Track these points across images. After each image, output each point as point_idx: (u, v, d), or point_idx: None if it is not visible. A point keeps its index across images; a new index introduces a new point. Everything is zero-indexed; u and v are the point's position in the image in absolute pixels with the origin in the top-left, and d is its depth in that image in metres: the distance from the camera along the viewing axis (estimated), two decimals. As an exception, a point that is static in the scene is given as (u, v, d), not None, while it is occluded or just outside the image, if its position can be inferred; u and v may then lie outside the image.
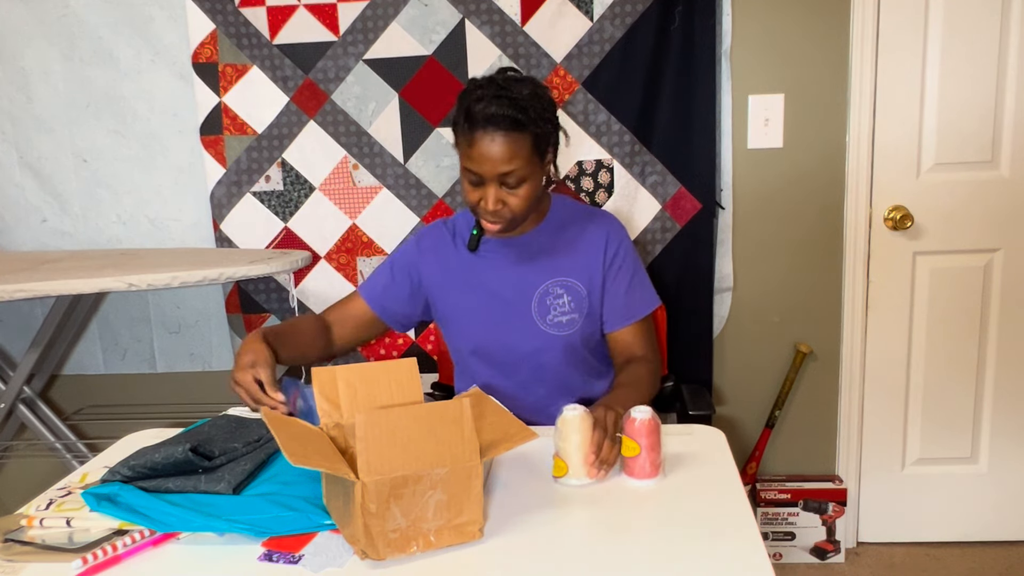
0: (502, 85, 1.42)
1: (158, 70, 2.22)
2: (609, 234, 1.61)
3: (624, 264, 1.61)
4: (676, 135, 2.15)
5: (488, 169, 1.41)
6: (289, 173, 2.22)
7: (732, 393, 2.36)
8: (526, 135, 1.41)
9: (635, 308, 1.62)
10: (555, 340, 1.58)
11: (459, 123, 1.44)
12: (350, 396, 1.17)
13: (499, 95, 1.39)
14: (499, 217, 1.47)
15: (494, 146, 1.39)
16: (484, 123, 1.39)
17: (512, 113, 1.38)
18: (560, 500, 1.17)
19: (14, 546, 1.08)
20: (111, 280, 1.79)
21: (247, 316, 2.29)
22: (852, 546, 2.37)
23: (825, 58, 2.15)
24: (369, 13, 2.13)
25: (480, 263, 1.62)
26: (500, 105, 1.38)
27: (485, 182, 1.43)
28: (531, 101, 1.42)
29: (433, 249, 1.66)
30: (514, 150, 1.40)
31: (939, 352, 2.28)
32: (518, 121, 1.39)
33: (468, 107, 1.41)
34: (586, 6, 2.09)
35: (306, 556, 1.04)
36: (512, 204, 1.45)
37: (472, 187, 1.46)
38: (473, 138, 1.40)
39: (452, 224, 1.68)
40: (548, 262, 1.59)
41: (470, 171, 1.43)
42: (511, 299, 1.59)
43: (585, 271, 1.59)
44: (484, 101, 1.39)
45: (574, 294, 1.59)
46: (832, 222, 2.24)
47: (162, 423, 1.68)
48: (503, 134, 1.39)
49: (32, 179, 2.29)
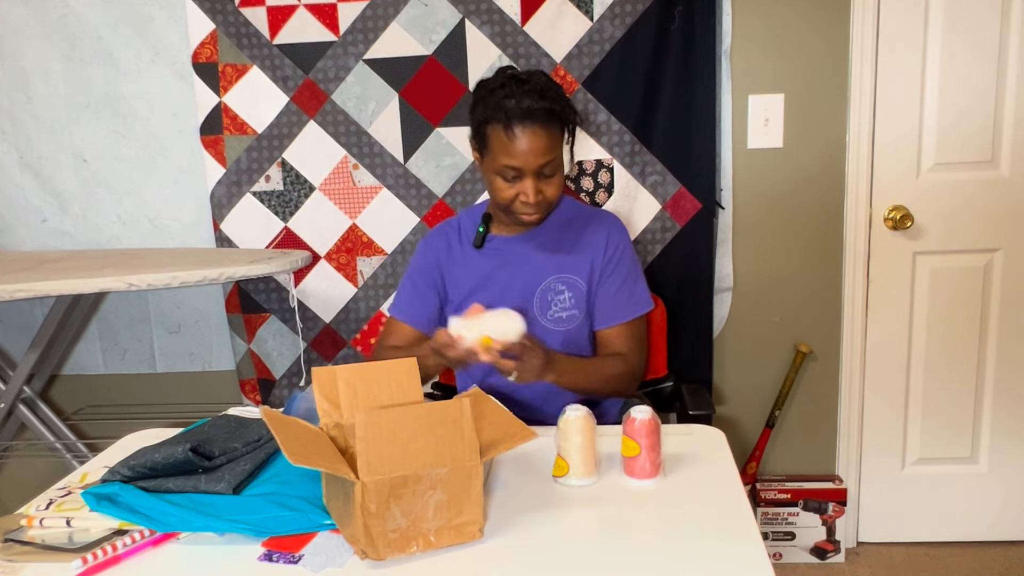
0: (522, 79, 1.46)
1: (158, 70, 2.21)
2: (610, 234, 1.63)
3: (619, 265, 1.62)
4: (676, 135, 2.15)
5: (531, 162, 1.45)
6: (289, 173, 2.22)
7: (732, 393, 2.36)
8: (558, 124, 1.47)
9: (622, 310, 1.63)
10: (555, 336, 1.60)
11: (490, 122, 1.46)
12: (350, 396, 1.17)
13: (527, 89, 1.44)
14: (539, 207, 1.51)
15: (536, 139, 1.44)
16: (522, 118, 1.43)
17: (547, 105, 1.44)
18: (560, 500, 1.17)
19: (14, 546, 1.08)
20: (111, 280, 1.78)
21: (247, 316, 2.29)
22: (852, 546, 2.37)
23: (825, 58, 2.15)
24: (369, 13, 2.13)
25: (486, 261, 1.64)
26: (532, 98, 1.43)
27: (524, 176, 1.47)
28: (555, 90, 1.48)
29: (443, 250, 1.68)
30: (552, 140, 1.46)
31: (939, 352, 2.28)
32: (553, 112, 1.45)
33: (499, 104, 1.44)
34: (586, 6, 2.09)
35: (306, 556, 1.04)
36: (549, 193, 1.51)
37: (507, 183, 1.49)
38: (513, 134, 1.44)
39: (457, 224, 1.70)
40: (551, 259, 1.61)
41: (509, 167, 1.47)
42: (513, 295, 1.61)
43: (586, 269, 1.61)
44: (516, 97, 1.43)
45: (575, 291, 1.60)
46: (832, 222, 2.23)
47: (162, 423, 1.68)
48: (542, 126, 1.44)
49: (32, 179, 2.29)
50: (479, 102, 1.50)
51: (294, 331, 2.29)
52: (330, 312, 2.29)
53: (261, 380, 2.33)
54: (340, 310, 2.28)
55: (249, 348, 2.31)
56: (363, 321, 2.29)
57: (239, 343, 2.31)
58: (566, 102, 1.49)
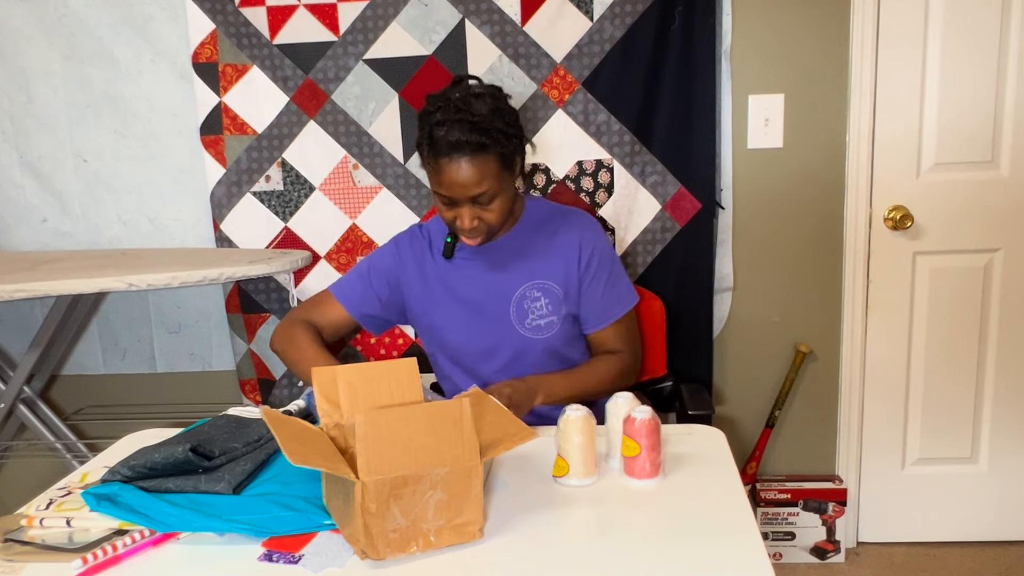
0: (460, 107, 1.39)
1: (158, 70, 2.21)
2: (583, 237, 1.59)
3: (600, 266, 1.60)
4: (676, 135, 2.14)
5: (459, 193, 1.41)
6: (289, 173, 2.22)
7: (732, 393, 2.36)
8: (492, 155, 1.40)
9: (612, 309, 1.63)
10: (534, 344, 1.58)
11: (423, 147, 1.43)
12: (350, 396, 1.17)
13: (459, 119, 1.37)
14: (476, 232, 1.48)
15: (461, 172, 1.39)
16: (448, 150, 1.38)
17: (475, 138, 1.37)
18: (560, 500, 1.17)
19: (14, 546, 1.08)
20: (111, 280, 1.79)
21: (247, 316, 2.29)
22: (852, 546, 2.37)
23: (825, 58, 2.15)
24: (369, 13, 2.13)
25: (456, 271, 1.61)
26: (462, 130, 1.37)
27: (458, 204, 1.44)
28: (492, 119, 1.40)
29: (411, 257, 1.65)
30: (482, 172, 1.40)
31: (939, 352, 2.28)
32: (482, 145, 1.38)
33: (430, 133, 1.40)
34: (586, 6, 2.09)
35: (306, 556, 1.04)
36: (488, 218, 1.47)
37: (445, 207, 1.47)
38: (439, 165, 1.40)
39: (427, 231, 1.67)
40: (524, 266, 1.59)
41: (439, 195, 1.44)
42: (489, 305, 1.59)
43: (561, 273, 1.59)
44: (445, 126, 1.37)
45: (551, 296, 1.58)
46: (832, 222, 2.24)
47: (162, 423, 1.68)
48: (468, 159, 1.38)
49: (32, 179, 2.29)
50: (420, 119, 1.45)
51: (294, 331, 2.28)
52: (330, 312, 2.28)
53: (261, 380, 2.33)
54: (340, 310, 2.28)
55: (249, 348, 2.31)
56: (363, 321, 2.29)
57: (239, 343, 2.31)
58: (505, 132, 1.41)
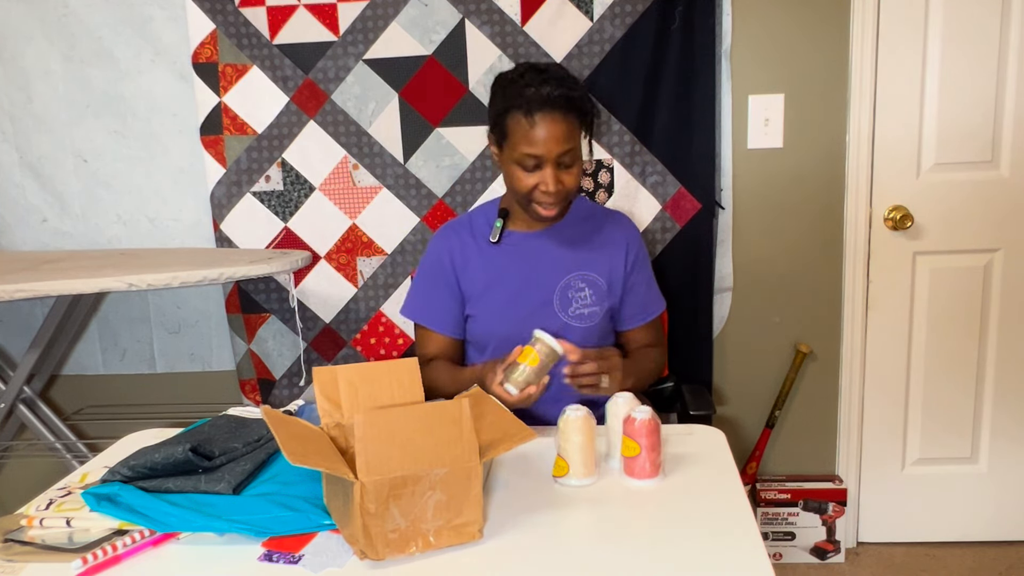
0: (543, 69, 1.48)
1: (158, 70, 2.21)
2: (630, 237, 1.68)
3: (643, 267, 1.69)
4: (676, 135, 2.15)
5: (551, 149, 1.45)
6: (289, 173, 2.22)
7: (732, 393, 2.36)
8: (578, 113, 1.48)
9: (651, 307, 1.71)
10: (575, 332, 1.60)
11: (510, 111, 1.47)
12: (351, 396, 1.17)
13: (546, 78, 1.45)
14: (558, 198, 1.51)
15: (556, 127, 1.44)
16: (542, 105, 1.43)
17: (567, 92, 1.45)
18: (560, 500, 1.17)
19: (14, 546, 1.08)
20: (111, 280, 1.78)
21: (247, 316, 2.29)
22: (852, 546, 2.37)
23: (825, 58, 2.15)
24: (369, 13, 2.13)
25: (502, 257, 1.64)
26: (553, 86, 1.44)
27: (543, 165, 1.47)
28: (574, 80, 1.49)
29: (456, 247, 1.67)
30: (572, 128, 1.47)
31: (939, 352, 2.28)
32: (573, 100, 1.45)
33: (519, 93, 1.45)
34: (586, 6, 2.09)
35: (306, 556, 1.04)
36: (568, 183, 1.50)
37: (527, 172, 1.49)
38: (533, 121, 1.44)
39: (468, 221, 1.70)
40: (570, 255, 1.63)
41: (529, 155, 1.47)
42: (534, 292, 1.62)
43: (606, 268, 1.64)
44: (536, 85, 1.44)
45: (595, 288, 1.63)
46: (832, 222, 2.23)
47: (162, 423, 1.68)
48: (562, 114, 1.45)
49: (32, 179, 2.29)
50: (498, 92, 1.51)
51: (294, 331, 2.29)
52: (330, 312, 2.29)
53: (261, 380, 2.33)
54: (340, 310, 2.28)
55: (249, 348, 2.31)
56: (363, 321, 2.29)
57: (239, 343, 2.31)
58: (585, 92, 1.50)
